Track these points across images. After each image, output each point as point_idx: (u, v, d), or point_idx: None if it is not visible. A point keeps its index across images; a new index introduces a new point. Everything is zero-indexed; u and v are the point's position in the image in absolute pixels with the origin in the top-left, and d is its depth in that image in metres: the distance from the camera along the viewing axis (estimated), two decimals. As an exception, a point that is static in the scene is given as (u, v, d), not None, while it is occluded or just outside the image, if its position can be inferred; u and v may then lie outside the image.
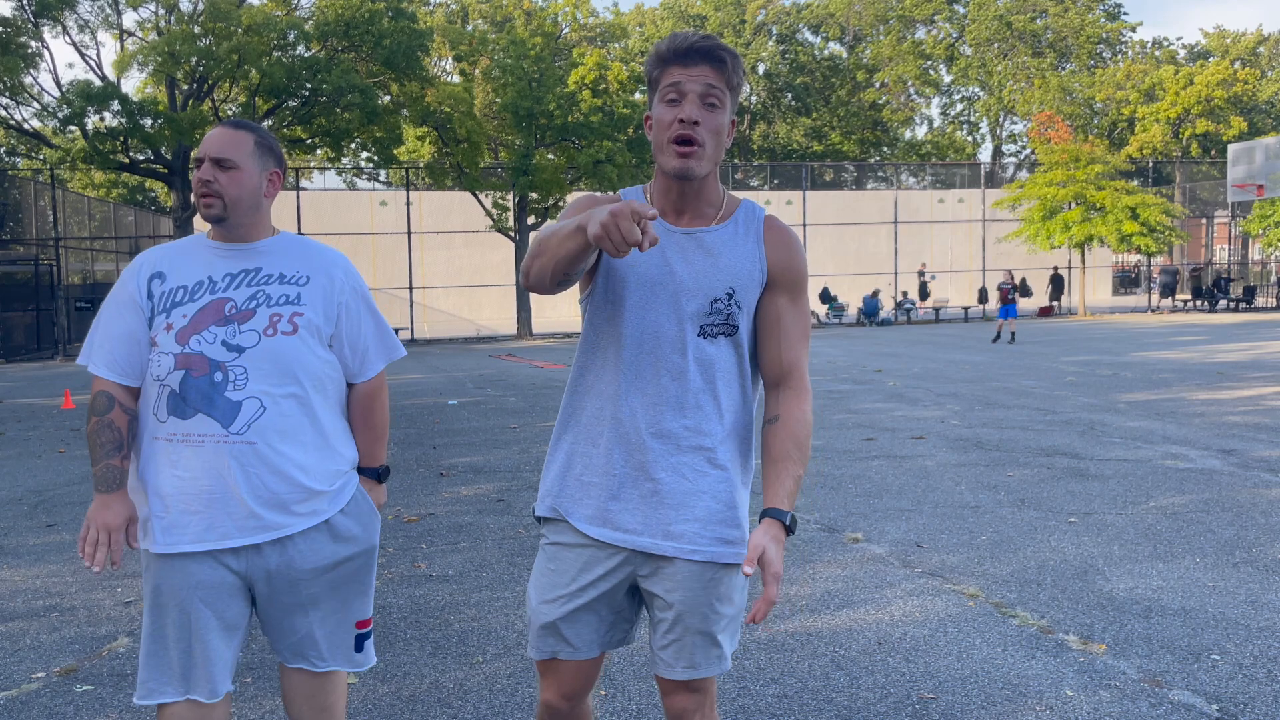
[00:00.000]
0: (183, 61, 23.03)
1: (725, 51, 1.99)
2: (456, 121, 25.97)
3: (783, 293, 2.09)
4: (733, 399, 2.09)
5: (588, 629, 2.12)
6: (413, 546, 5.73)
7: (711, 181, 2.06)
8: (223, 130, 2.42)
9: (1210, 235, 41.71)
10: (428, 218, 33.91)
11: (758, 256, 2.07)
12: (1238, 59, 54.03)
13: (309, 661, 2.51)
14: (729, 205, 2.11)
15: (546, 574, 2.14)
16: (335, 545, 2.45)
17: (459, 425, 10.57)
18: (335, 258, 2.54)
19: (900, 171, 54.21)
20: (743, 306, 2.06)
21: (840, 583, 4.85)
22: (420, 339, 28.22)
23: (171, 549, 2.33)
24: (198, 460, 2.32)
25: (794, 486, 2.01)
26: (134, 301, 2.40)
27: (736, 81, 2.01)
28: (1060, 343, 20.64)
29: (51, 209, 26.33)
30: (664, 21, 57.50)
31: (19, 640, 4.35)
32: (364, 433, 2.56)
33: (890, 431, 9.39)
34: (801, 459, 2.04)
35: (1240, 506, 6.18)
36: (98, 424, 2.35)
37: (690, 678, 2.09)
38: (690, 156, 1.97)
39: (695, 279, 2.04)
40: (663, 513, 2.05)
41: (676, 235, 2.05)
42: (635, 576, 2.10)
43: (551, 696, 2.18)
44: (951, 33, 57.50)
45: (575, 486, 2.11)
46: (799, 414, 2.06)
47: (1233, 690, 3.50)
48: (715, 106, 1.98)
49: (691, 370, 2.04)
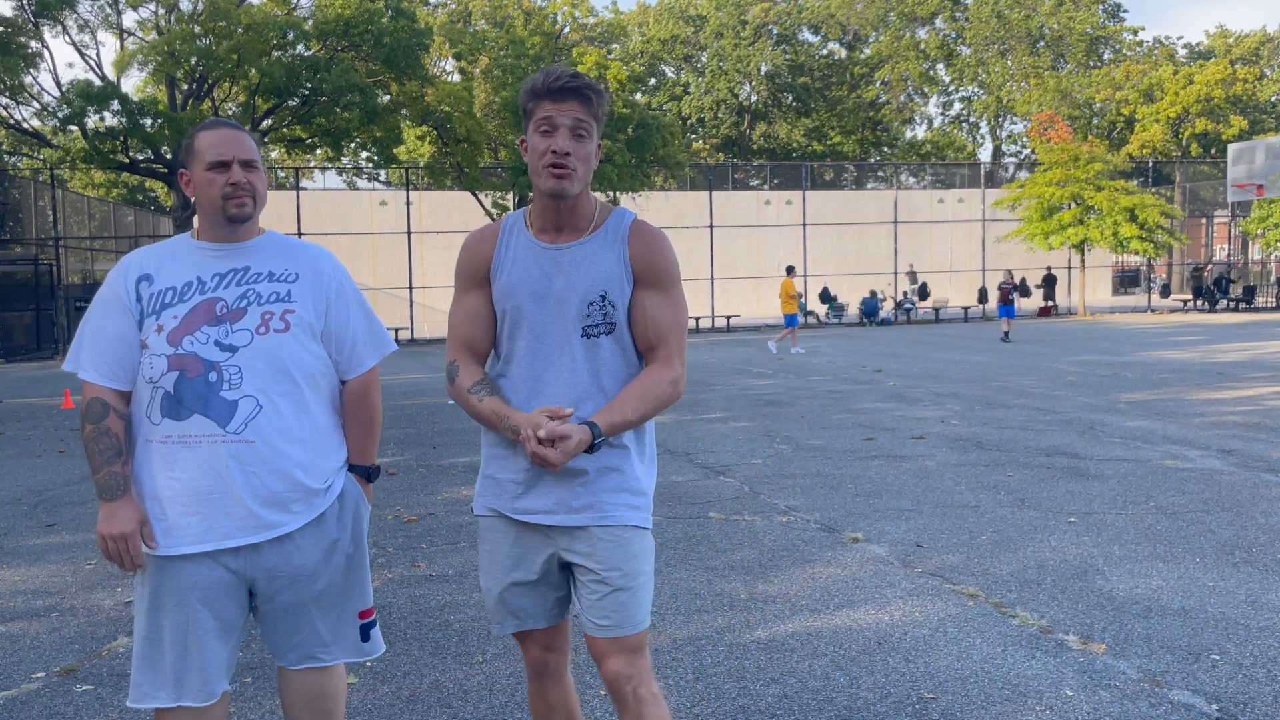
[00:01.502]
0: (183, 61, 23.04)
1: (592, 90, 2.27)
2: (456, 121, 25.98)
3: (648, 287, 2.35)
4: (619, 388, 2.34)
5: (531, 602, 2.41)
6: (413, 546, 5.73)
7: (584, 199, 2.35)
8: (230, 131, 2.41)
9: (1210, 235, 41.72)
10: (428, 218, 33.90)
11: (622, 259, 2.34)
12: (1239, 59, 54.03)
13: (315, 658, 2.51)
14: (600, 217, 2.37)
15: (486, 557, 2.46)
16: (330, 539, 2.46)
17: (459, 425, 10.57)
18: (322, 254, 2.54)
19: (900, 171, 54.21)
20: (618, 305, 2.33)
21: (840, 583, 4.85)
22: (420, 339, 28.22)
23: (172, 551, 2.33)
24: (195, 461, 2.31)
25: (619, 419, 2.27)
26: (122, 304, 2.38)
27: (601, 114, 2.31)
28: (1060, 343, 20.64)
29: (51, 209, 26.33)
30: (665, 21, 57.46)
31: (19, 640, 4.35)
32: (357, 429, 2.55)
33: (890, 431, 9.39)
34: (640, 406, 2.29)
35: (1240, 506, 6.18)
36: (94, 431, 2.33)
37: (617, 635, 2.31)
38: (564, 178, 2.26)
39: (571, 288, 2.32)
40: (571, 490, 2.32)
41: (553, 251, 2.34)
42: (560, 551, 2.36)
43: (534, 653, 2.48)
44: (950, 34, 57.48)
45: (494, 484, 2.40)
46: (655, 375, 2.33)
47: (1233, 690, 3.50)
48: (584, 137, 2.27)
49: (580, 368, 2.32)
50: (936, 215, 39.48)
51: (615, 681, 2.32)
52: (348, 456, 2.54)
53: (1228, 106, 50.62)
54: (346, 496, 2.50)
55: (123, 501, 2.32)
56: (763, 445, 8.83)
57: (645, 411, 2.30)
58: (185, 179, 2.45)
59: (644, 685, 2.33)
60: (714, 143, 57.78)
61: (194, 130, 2.46)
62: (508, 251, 2.38)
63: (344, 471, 2.52)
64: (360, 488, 2.55)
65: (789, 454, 8.37)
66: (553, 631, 2.47)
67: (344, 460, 2.52)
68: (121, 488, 2.32)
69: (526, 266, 2.34)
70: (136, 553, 2.32)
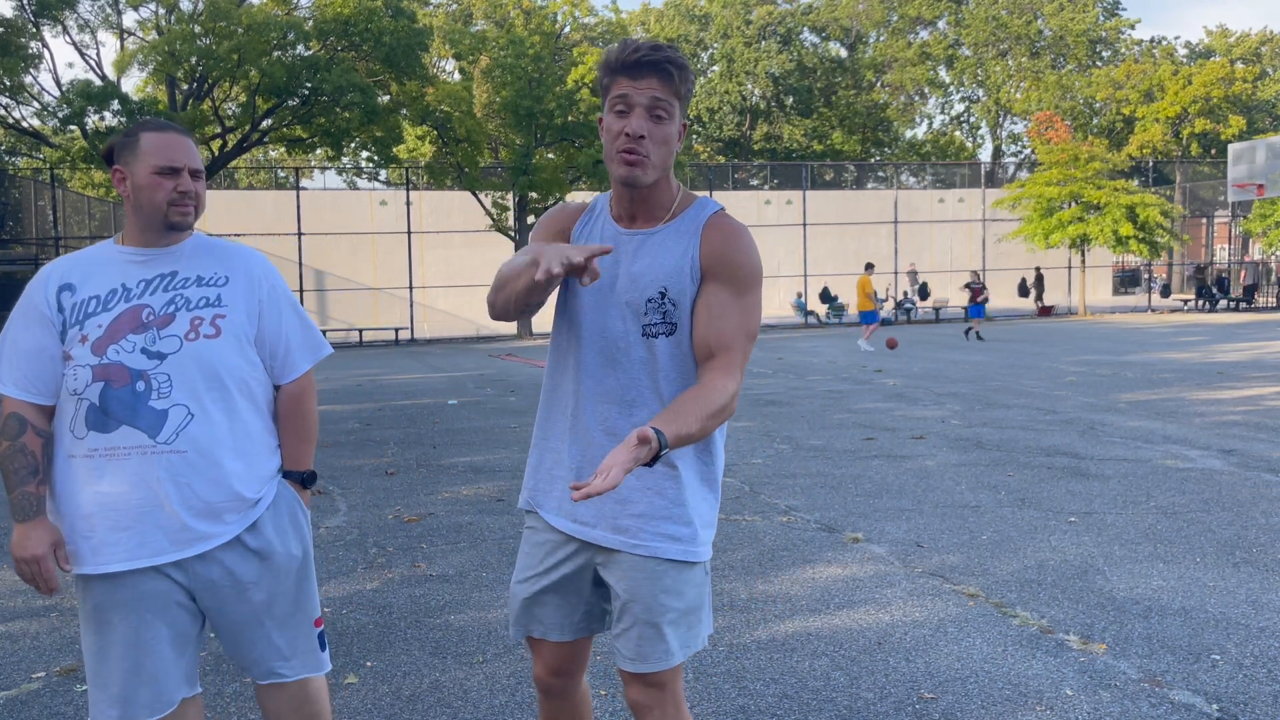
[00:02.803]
0: (183, 61, 23.03)
1: (672, 64, 2.03)
2: (456, 121, 25.98)
3: (716, 283, 2.10)
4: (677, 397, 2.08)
5: (556, 612, 2.25)
6: (413, 546, 5.73)
7: (663, 185, 2.13)
8: (179, 136, 2.33)
9: (1210, 235, 41.70)
10: (428, 217, 33.89)
11: (691, 253, 2.11)
12: (1239, 59, 54.01)
13: (278, 674, 2.43)
14: (680, 205, 2.16)
15: (523, 556, 2.30)
16: (268, 548, 2.37)
17: (459, 425, 10.57)
18: (252, 255, 2.46)
19: (900, 171, 54.19)
20: (679, 305, 2.11)
21: (840, 583, 4.85)
22: (420, 339, 28.22)
23: (102, 569, 2.25)
24: (124, 474, 2.23)
25: (683, 430, 1.92)
26: (42, 315, 2.29)
27: (685, 91, 2.06)
28: (1060, 343, 20.64)
29: (51, 209, 26.33)
30: (670, 20, 57.46)
31: (19, 640, 4.35)
32: (291, 435, 2.46)
33: (890, 431, 9.39)
34: (703, 418, 1.96)
35: (1240, 506, 6.18)
36: (9, 449, 2.25)
37: (638, 670, 2.15)
38: (636, 165, 2.04)
39: (635, 280, 2.12)
40: (612, 507, 2.14)
41: (625, 238, 2.15)
42: (595, 565, 2.21)
43: (540, 672, 2.33)
44: (953, 36, 57.47)
45: (545, 481, 2.25)
46: (717, 383, 2.03)
47: (1233, 690, 3.50)
48: (662, 118, 2.05)
49: (636, 369, 2.12)
50: (937, 215, 39.47)
51: (635, 709, 2.19)
52: (282, 463, 2.46)
53: (1227, 106, 50.60)
54: (281, 503, 2.41)
55: (35, 523, 2.24)
56: (763, 445, 8.83)
57: (708, 425, 1.99)
58: (121, 176, 2.33)
59: (667, 717, 2.18)
60: (715, 145, 57.79)
61: (137, 128, 2.34)
62: (587, 231, 2.21)
63: (278, 479, 2.44)
64: (296, 494, 2.47)
65: (789, 454, 8.37)
66: (568, 651, 2.29)
67: (278, 467, 2.44)
68: (35, 508, 2.25)
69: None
70: (50, 575, 2.24)
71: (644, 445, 1.83)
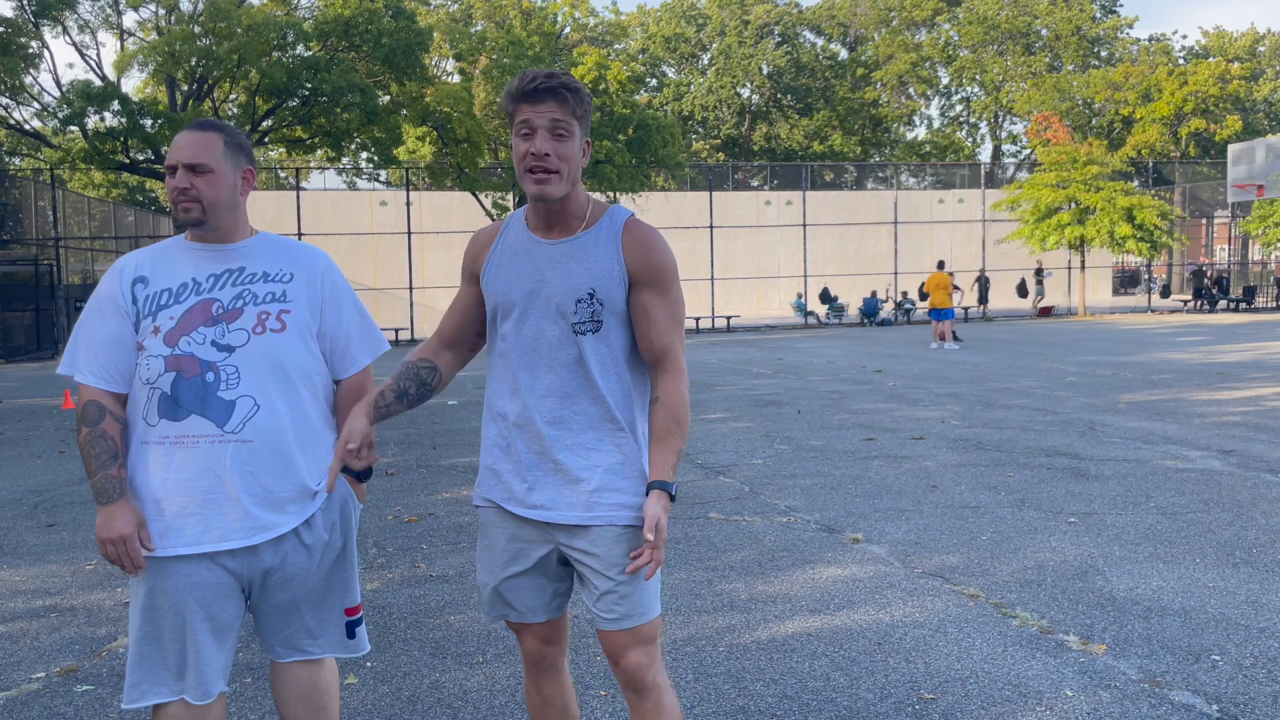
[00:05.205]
0: (183, 61, 23.03)
1: (567, 88, 2.25)
2: (456, 121, 25.97)
3: (645, 287, 2.34)
4: (611, 386, 2.34)
5: (528, 595, 2.43)
6: (413, 546, 5.73)
7: (574, 196, 2.33)
8: (191, 133, 2.40)
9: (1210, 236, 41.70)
10: (428, 218, 33.90)
11: (616, 258, 2.32)
12: (1235, 58, 54.01)
13: (302, 650, 2.52)
14: (594, 214, 2.36)
15: (484, 550, 2.46)
16: (322, 538, 2.47)
17: (459, 425, 10.57)
18: (316, 253, 2.55)
19: (900, 171, 54.22)
20: (606, 304, 2.32)
21: (840, 583, 4.85)
22: (420, 339, 28.20)
23: (169, 552, 2.33)
24: (192, 461, 2.31)
25: (675, 460, 2.30)
26: (118, 306, 2.38)
27: (581, 112, 2.28)
28: (1060, 343, 20.64)
29: (51, 209, 26.32)
30: (667, 21, 57.44)
31: (19, 640, 4.35)
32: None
33: (890, 431, 9.39)
34: (681, 434, 2.32)
35: (1240, 506, 6.18)
36: (90, 435, 2.33)
37: (629, 625, 2.32)
38: (545, 183, 2.25)
39: (562, 284, 2.32)
40: (569, 488, 2.33)
41: (547, 246, 2.35)
42: (560, 546, 2.37)
43: (530, 646, 2.50)
44: (952, 35, 57.46)
45: (494, 476, 2.42)
46: (675, 392, 2.33)
47: (1233, 690, 3.50)
48: (564, 136, 2.25)
49: (571, 365, 2.33)
50: (936, 216, 39.48)
51: (636, 671, 2.32)
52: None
53: (1223, 106, 50.59)
54: (336, 495, 2.52)
55: (120, 504, 2.32)
56: (763, 445, 8.83)
57: (685, 430, 2.33)
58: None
59: (660, 674, 2.37)
60: (714, 143, 57.78)
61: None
62: (502, 246, 2.41)
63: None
64: (351, 487, 2.57)
65: (789, 454, 8.37)
66: (551, 624, 2.48)
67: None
68: (118, 491, 2.32)
69: (521, 260, 2.36)
70: (136, 555, 2.32)
71: (661, 500, 2.24)
